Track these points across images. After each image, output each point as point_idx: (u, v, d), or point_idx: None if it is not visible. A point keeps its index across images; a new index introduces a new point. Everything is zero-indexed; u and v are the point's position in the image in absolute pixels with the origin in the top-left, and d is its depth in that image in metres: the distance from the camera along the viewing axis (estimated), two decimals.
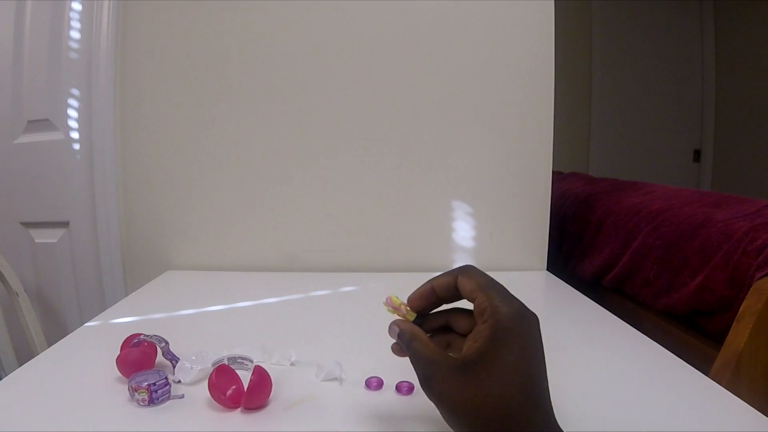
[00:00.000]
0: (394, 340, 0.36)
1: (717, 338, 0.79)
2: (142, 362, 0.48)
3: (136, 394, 0.43)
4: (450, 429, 0.31)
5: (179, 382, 0.47)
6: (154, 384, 0.43)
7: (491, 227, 0.96)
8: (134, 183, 0.98)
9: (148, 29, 0.94)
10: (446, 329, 0.38)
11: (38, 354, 0.57)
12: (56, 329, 1.08)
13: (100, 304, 1.02)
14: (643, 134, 3.09)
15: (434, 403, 0.31)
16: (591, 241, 1.22)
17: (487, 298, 0.32)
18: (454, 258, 0.97)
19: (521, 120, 0.94)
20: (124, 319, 0.69)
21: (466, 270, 0.35)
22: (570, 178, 1.69)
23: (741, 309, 0.72)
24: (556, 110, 0.93)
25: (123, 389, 0.46)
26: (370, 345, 0.59)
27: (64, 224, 1.05)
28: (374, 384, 0.47)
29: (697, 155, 3.18)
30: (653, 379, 0.50)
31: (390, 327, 0.36)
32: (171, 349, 0.51)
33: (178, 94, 0.95)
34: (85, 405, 0.45)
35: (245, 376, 0.43)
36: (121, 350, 0.51)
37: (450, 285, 0.35)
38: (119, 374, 0.48)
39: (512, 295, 0.34)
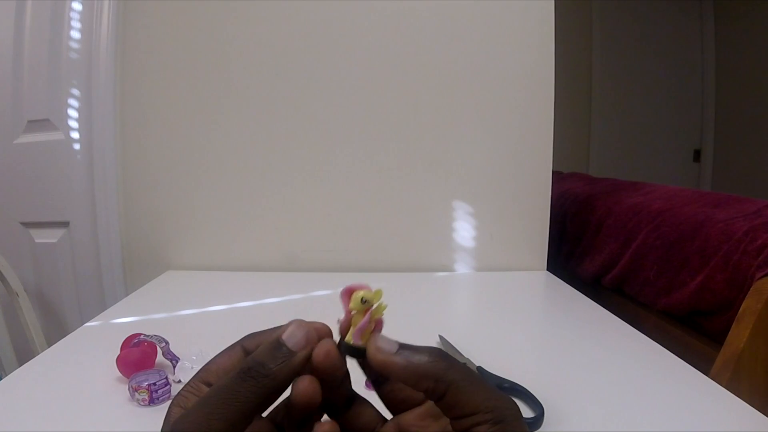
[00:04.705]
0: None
1: (717, 338, 0.78)
2: (142, 362, 0.48)
3: (136, 394, 0.43)
4: None
5: (179, 381, 0.47)
6: (154, 384, 0.44)
7: (491, 227, 0.96)
8: (134, 183, 0.98)
9: (148, 29, 0.94)
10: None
11: (38, 354, 0.57)
12: (56, 329, 1.08)
13: (100, 304, 1.02)
14: (643, 134, 3.09)
15: None
16: (591, 241, 1.22)
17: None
18: (454, 258, 0.97)
19: (521, 120, 0.94)
20: (124, 319, 0.69)
21: (455, 381, 0.22)
22: (570, 178, 1.68)
23: (741, 309, 0.72)
24: (556, 110, 0.93)
25: (123, 389, 0.46)
26: None
27: (64, 224, 1.05)
28: None
29: (697, 155, 3.18)
30: (653, 379, 0.50)
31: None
32: (171, 349, 0.51)
33: (178, 94, 0.95)
34: (85, 405, 0.45)
35: None
36: (121, 350, 0.51)
37: (424, 387, 0.22)
38: (119, 374, 0.48)
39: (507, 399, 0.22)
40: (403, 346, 0.23)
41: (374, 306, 0.24)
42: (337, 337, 0.24)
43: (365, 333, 0.24)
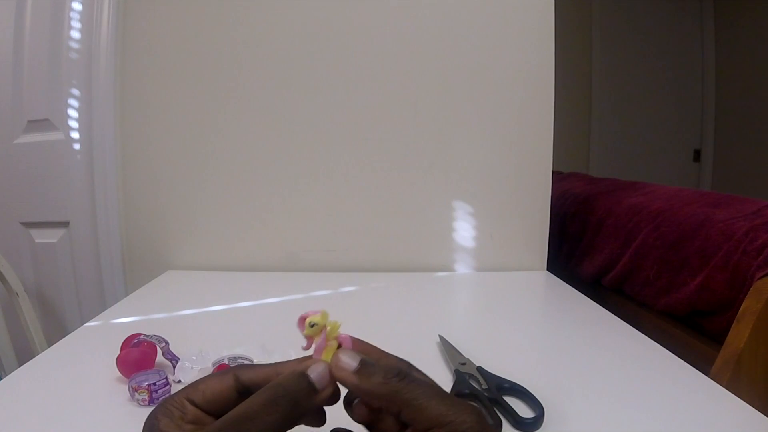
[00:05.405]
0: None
1: (717, 338, 0.79)
2: (142, 362, 0.48)
3: (136, 394, 0.43)
4: None
5: (179, 382, 0.47)
6: (154, 384, 0.43)
7: (491, 227, 0.96)
8: (134, 183, 0.98)
9: (148, 29, 0.94)
10: None
11: (38, 354, 0.57)
12: (56, 329, 1.08)
13: (100, 304, 1.02)
14: (643, 134, 3.09)
15: None
16: (591, 241, 1.22)
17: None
18: (454, 258, 0.97)
19: (521, 120, 0.94)
20: (124, 319, 0.69)
21: (407, 400, 0.23)
22: (570, 178, 1.68)
23: (741, 309, 0.72)
24: (556, 110, 0.93)
25: (123, 389, 0.46)
26: None
27: (64, 224, 1.05)
28: None
29: (697, 155, 3.18)
30: (653, 379, 0.50)
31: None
32: (171, 349, 0.51)
33: (179, 93, 0.95)
34: (85, 405, 0.45)
35: None
36: (121, 350, 0.51)
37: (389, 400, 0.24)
38: (119, 374, 0.48)
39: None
40: (363, 363, 0.24)
41: (327, 326, 0.26)
42: None
43: (325, 351, 0.25)
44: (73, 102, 1.01)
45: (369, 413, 0.25)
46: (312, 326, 0.25)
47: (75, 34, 1.00)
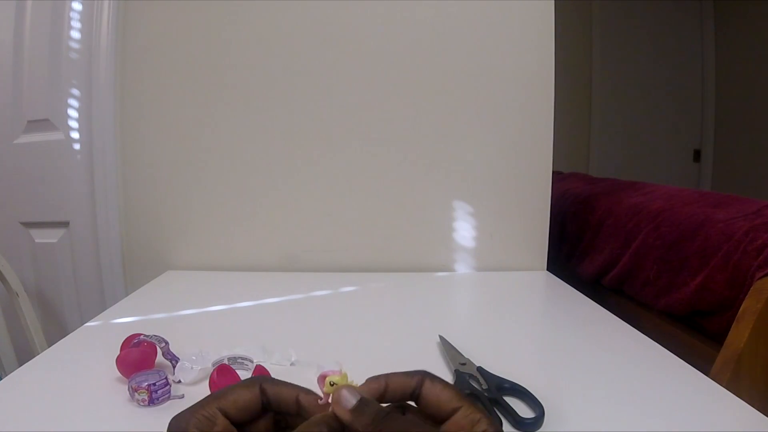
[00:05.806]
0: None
1: (717, 338, 0.78)
2: (142, 362, 0.48)
3: (136, 394, 0.43)
4: None
5: (179, 382, 0.47)
6: (154, 384, 0.44)
7: (491, 227, 0.96)
8: (134, 183, 0.98)
9: (148, 29, 0.94)
10: None
11: (38, 354, 0.57)
12: (56, 329, 1.08)
13: (100, 304, 1.02)
14: (643, 134, 3.09)
15: None
16: (591, 241, 1.22)
17: (477, 410, 0.27)
18: (454, 258, 0.97)
19: (521, 120, 0.94)
20: (124, 319, 0.69)
21: (430, 375, 0.28)
22: (570, 178, 1.68)
23: (741, 309, 0.72)
24: (556, 110, 0.93)
25: (123, 389, 0.46)
26: (370, 344, 0.59)
27: (64, 224, 1.05)
28: None
29: (697, 155, 3.18)
30: (653, 379, 0.50)
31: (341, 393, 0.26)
32: (171, 349, 0.51)
33: (178, 93, 0.95)
34: (85, 405, 0.45)
35: (246, 376, 0.43)
36: (121, 350, 0.51)
37: (407, 389, 0.28)
38: (119, 374, 0.48)
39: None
40: (360, 403, 0.26)
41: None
42: None
43: None
44: (73, 102, 1.01)
45: None
46: (332, 385, 0.27)
47: (75, 34, 1.00)
